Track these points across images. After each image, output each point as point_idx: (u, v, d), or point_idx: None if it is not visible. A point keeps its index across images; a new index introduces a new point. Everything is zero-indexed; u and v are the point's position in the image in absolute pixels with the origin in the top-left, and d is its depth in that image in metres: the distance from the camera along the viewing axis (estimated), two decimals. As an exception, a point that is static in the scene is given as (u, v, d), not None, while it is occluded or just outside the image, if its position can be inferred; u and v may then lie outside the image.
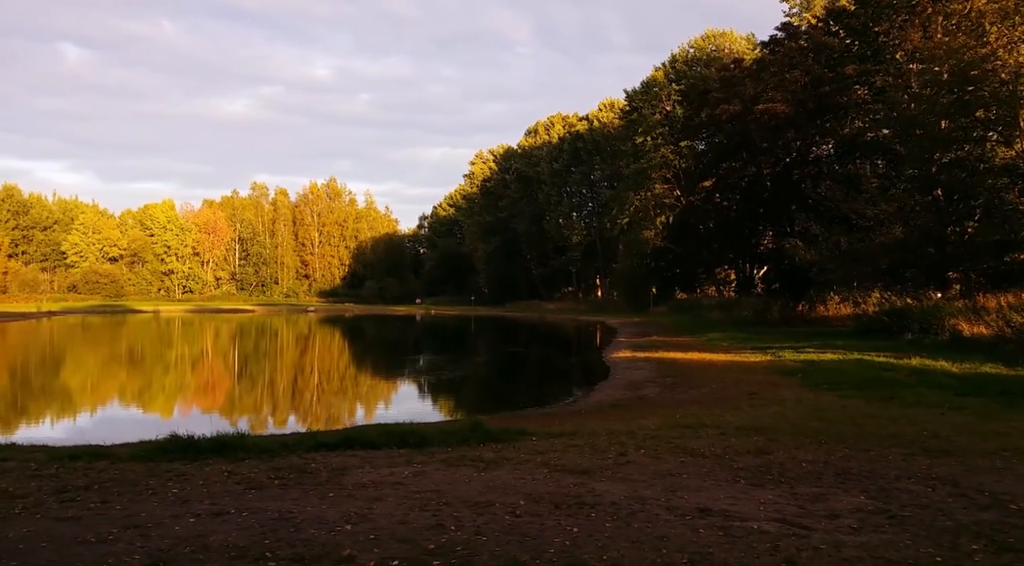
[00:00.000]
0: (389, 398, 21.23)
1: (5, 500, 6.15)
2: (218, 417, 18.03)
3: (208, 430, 9.74)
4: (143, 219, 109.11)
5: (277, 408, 19.87)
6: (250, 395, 22.98)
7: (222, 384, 26.20)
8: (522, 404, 19.03)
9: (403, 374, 27.13)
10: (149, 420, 17.81)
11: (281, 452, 8.78)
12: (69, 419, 18.10)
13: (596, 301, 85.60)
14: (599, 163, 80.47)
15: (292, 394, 23.29)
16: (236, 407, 20.15)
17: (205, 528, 5.25)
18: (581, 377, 25.20)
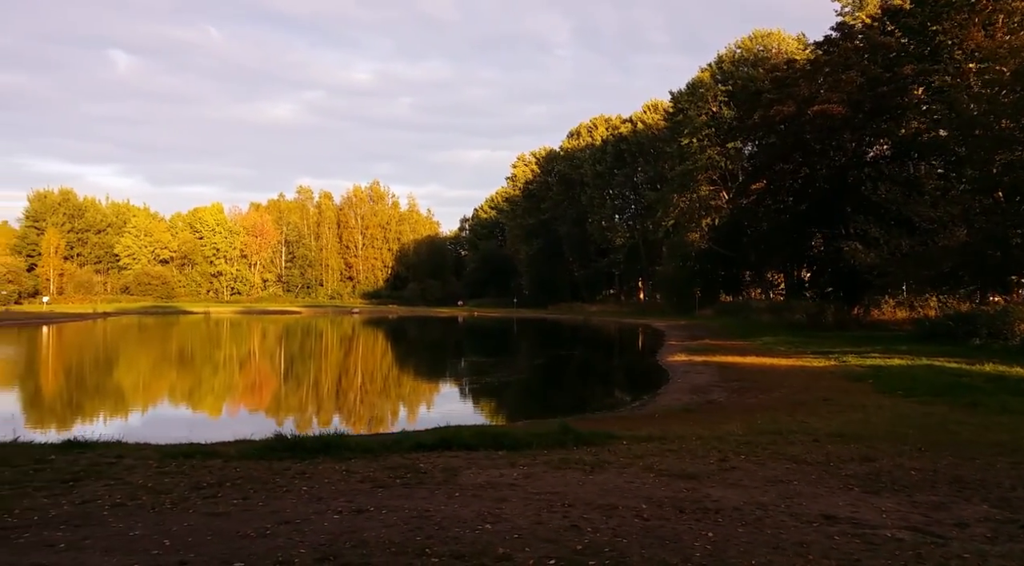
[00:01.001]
0: (452, 400, 21.48)
1: (152, 495, 6.49)
2: (290, 416, 18.49)
3: (284, 429, 10.09)
4: (193, 222, 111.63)
5: (347, 408, 20.27)
6: (316, 395, 23.47)
7: (286, 384, 26.76)
8: (586, 407, 19.16)
9: (459, 376, 27.42)
10: (223, 419, 18.35)
11: (382, 452, 9.06)
12: (145, 417, 18.68)
13: (638, 303, 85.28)
14: (643, 165, 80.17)
15: (357, 394, 23.69)
16: (306, 406, 20.61)
17: (353, 524, 5.50)
18: (639, 381, 25.24)
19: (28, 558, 4.81)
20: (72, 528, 5.49)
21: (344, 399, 22.78)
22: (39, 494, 6.68)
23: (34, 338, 48.19)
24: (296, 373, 30.46)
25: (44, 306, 79.78)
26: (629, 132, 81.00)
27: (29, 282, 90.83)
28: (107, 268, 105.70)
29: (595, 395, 23.02)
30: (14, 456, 9.04)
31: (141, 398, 23.11)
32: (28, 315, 68.47)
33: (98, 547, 5.03)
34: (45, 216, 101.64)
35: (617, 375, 29.33)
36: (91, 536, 5.28)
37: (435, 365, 34.54)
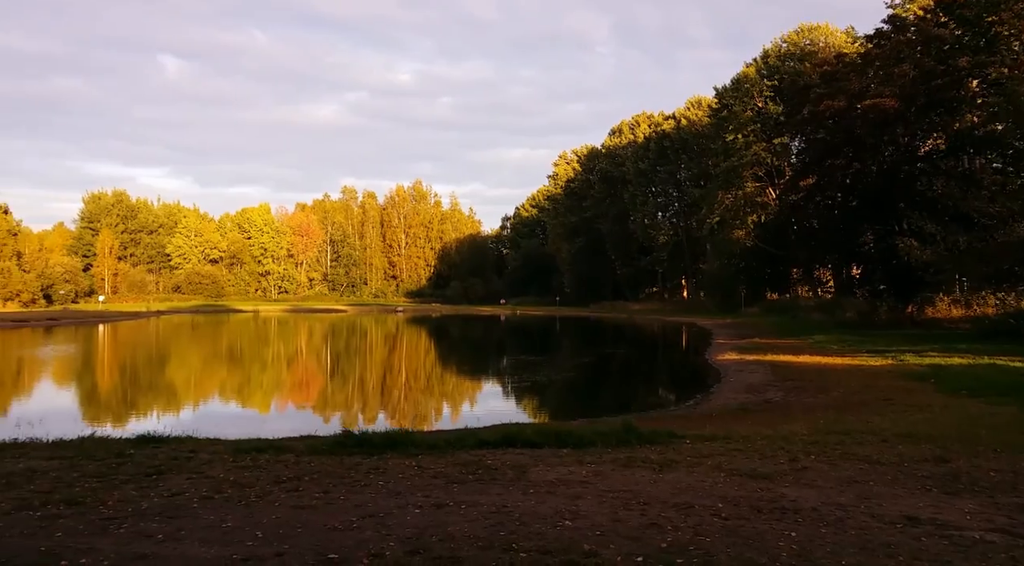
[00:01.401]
0: (505, 398, 21.60)
1: (236, 488, 6.70)
2: (345, 412, 18.81)
3: (334, 425, 10.26)
4: (241, 222, 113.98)
5: (400, 405, 20.52)
6: (369, 392, 23.81)
7: (340, 381, 27.18)
8: (638, 406, 19.12)
9: (508, 374, 27.53)
10: (280, 415, 18.73)
11: (448, 449, 9.18)
12: (204, 412, 19.16)
13: (682, 302, 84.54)
14: (686, 162, 79.42)
15: (409, 392, 23.97)
16: (361, 403, 20.94)
17: (436, 519, 5.61)
18: (690, 379, 25.08)
19: (130, 548, 5.01)
20: (166, 519, 5.70)
21: (397, 396, 23.06)
22: (127, 486, 6.94)
23: (93, 336, 49.74)
24: (349, 370, 30.90)
25: (100, 305, 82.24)
26: (672, 129, 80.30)
27: (85, 282, 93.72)
28: (159, 268, 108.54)
29: (646, 394, 22.95)
30: (95, 449, 9.40)
31: (199, 394, 23.72)
32: (85, 314, 70.67)
33: (195, 538, 5.22)
34: (99, 217, 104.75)
35: (667, 374, 29.17)
36: (186, 527, 5.47)
37: (483, 363, 34.76)
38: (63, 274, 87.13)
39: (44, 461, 8.51)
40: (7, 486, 7.04)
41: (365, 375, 29.26)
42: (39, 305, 78.47)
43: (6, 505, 6.21)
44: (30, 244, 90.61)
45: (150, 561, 4.72)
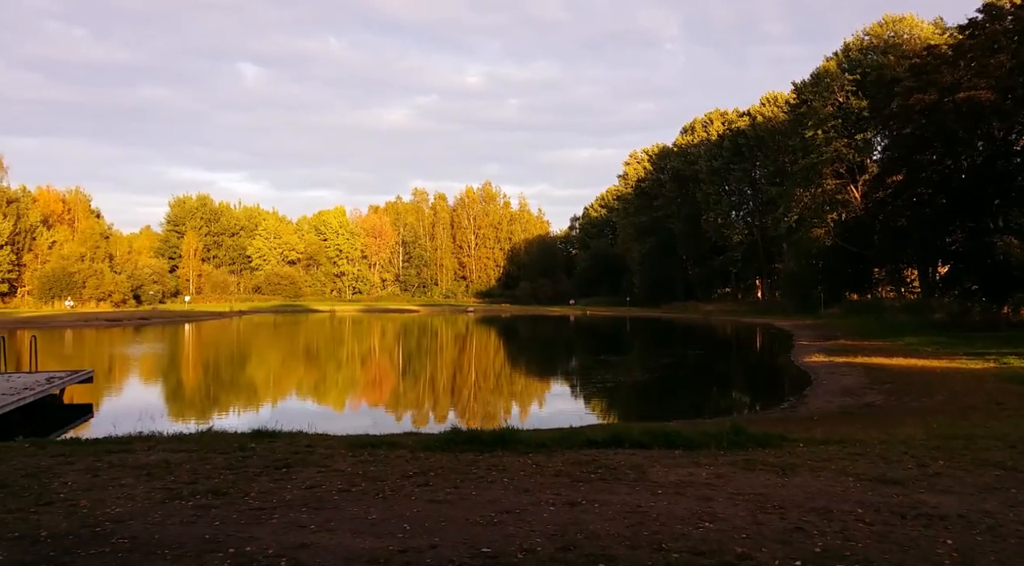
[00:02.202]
0: (593, 398, 21.56)
1: (368, 482, 6.90)
2: (435, 410, 19.12)
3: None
4: (317, 224, 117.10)
5: (490, 404, 20.70)
6: (456, 390, 24.12)
7: (426, 379, 27.61)
8: (727, 407, 18.84)
9: (590, 374, 27.41)
10: (374, 411, 19.14)
11: (556, 447, 9.23)
12: (300, 408, 19.72)
13: (757, 302, 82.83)
14: (762, 159, 77.72)
15: (496, 390, 24.16)
16: (451, 401, 21.25)
17: (573, 517, 5.65)
18: (778, 381, 24.55)
19: (288, 537, 5.22)
20: (313, 511, 5.91)
21: (484, 395, 23.28)
22: (262, 478, 7.22)
23: (182, 335, 51.85)
24: (434, 369, 31.36)
25: (185, 305, 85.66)
26: (747, 126, 78.66)
27: (171, 283, 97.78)
28: (240, 269, 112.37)
29: (734, 395, 22.58)
30: (216, 443, 9.81)
31: (291, 391, 24.44)
32: (173, 314, 73.77)
33: (345, 529, 5.40)
34: (184, 220, 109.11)
35: (752, 375, 28.60)
36: (334, 519, 5.67)
37: (563, 363, 34.77)
38: (151, 275, 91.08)
39: (173, 453, 8.92)
40: (149, 477, 7.43)
41: (449, 374, 29.64)
42: (129, 305, 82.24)
43: (157, 495, 6.55)
44: (121, 247, 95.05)
45: (310, 550, 4.90)
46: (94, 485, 7.05)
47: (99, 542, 5.11)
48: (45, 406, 15.87)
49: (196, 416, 18.27)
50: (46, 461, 8.39)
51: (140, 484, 7.05)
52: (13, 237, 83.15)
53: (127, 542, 5.11)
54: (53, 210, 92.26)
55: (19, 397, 14.05)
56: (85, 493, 6.67)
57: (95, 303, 78.31)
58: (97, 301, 78.95)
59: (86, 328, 56.21)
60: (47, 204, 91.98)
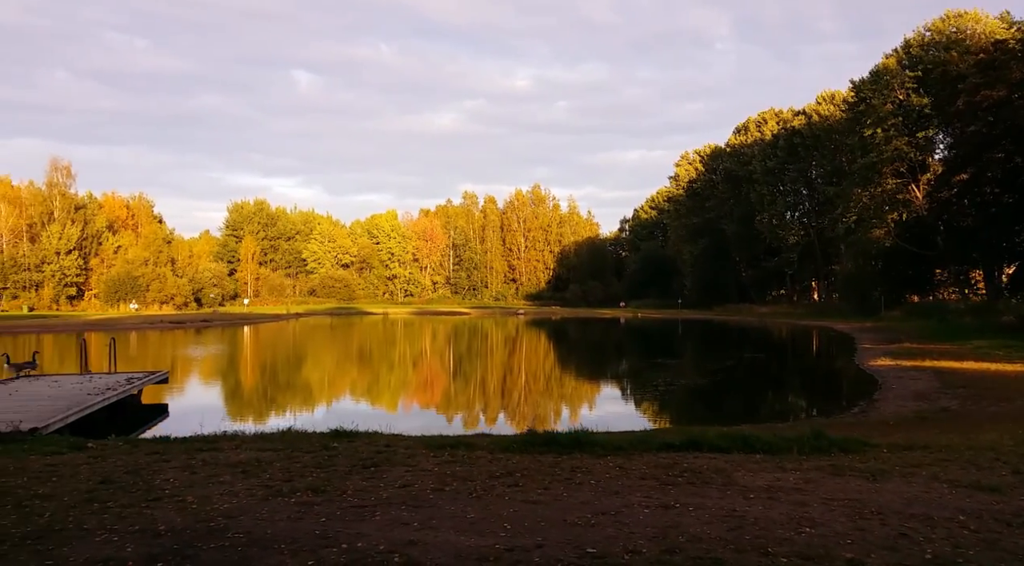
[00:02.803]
0: (655, 401, 21.44)
1: (458, 481, 7.05)
2: (501, 411, 19.27)
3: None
4: (370, 228, 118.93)
5: (554, 406, 20.79)
6: (518, 392, 24.25)
7: (485, 380, 27.80)
8: (792, 412, 18.57)
9: (649, 377, 27.24)
10: (439, 413, 19.40)
11: (633, 450, 9.25)
12: (363, 408, 20.08)
13: (813, 304, 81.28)
14: (818, 159, 76.29)
15: (558, 392, 24.23)
16: (514, 403, 21.38)
17: (670, 519, 5.69)
18: (844, 385, 24.10)
19: (394, 534, 5.38)
20: (412, 509, 6.07)
21: (546, 397, 23.35)
22: (354, 477, 7.43)
23: (243, 337, 53.16)
24: (490, 371, 31.55)
25: (244, 307, 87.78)
26: (802, 125, 77.23)
27: (230, 286, 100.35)
28: (295, 272, 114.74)
29: (798, 399, 22.23)
30: (298, 442, 10.09)
31: (354, 391, 24.87)
32: (233, 316, 75.69)
33: (447, 527, 5.54)
34: (242, 225, 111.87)
35: (816, 379, 28.07)
36: (435, 517, 5.81)
37: (620, 366, 34.64)
38: (211, 279, 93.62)
39: (261, 452, 9.21)
40: (245, 474, 7.70)
41: (507, 376, 29.80)
42: (191, 308, 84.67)
43: (258, 492, 6.79)
44: (182, 251, 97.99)
45: (419, 547, 5.05)
46: (195, 482, 7.34)
47: (216, 536, 5.34)
48: (125, 405, 16.48)
49: (267, 415, 18.76)
50: (143, 459, 8.75)
51: (238, 481, 7.31)
52: (81, 242, 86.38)
53: (243, 536, 5.33)
54: (118, 216, 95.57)
55: (103, 397, 14.65)
56: (188, 489, 6.95)
57: (158, 306, 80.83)
58: (160, 304, 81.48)
59: (150, 330, 58.04)
60: (112, 210, 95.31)
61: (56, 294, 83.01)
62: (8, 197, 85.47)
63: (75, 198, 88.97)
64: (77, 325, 60.90)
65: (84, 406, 13.35)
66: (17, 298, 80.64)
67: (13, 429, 10.74)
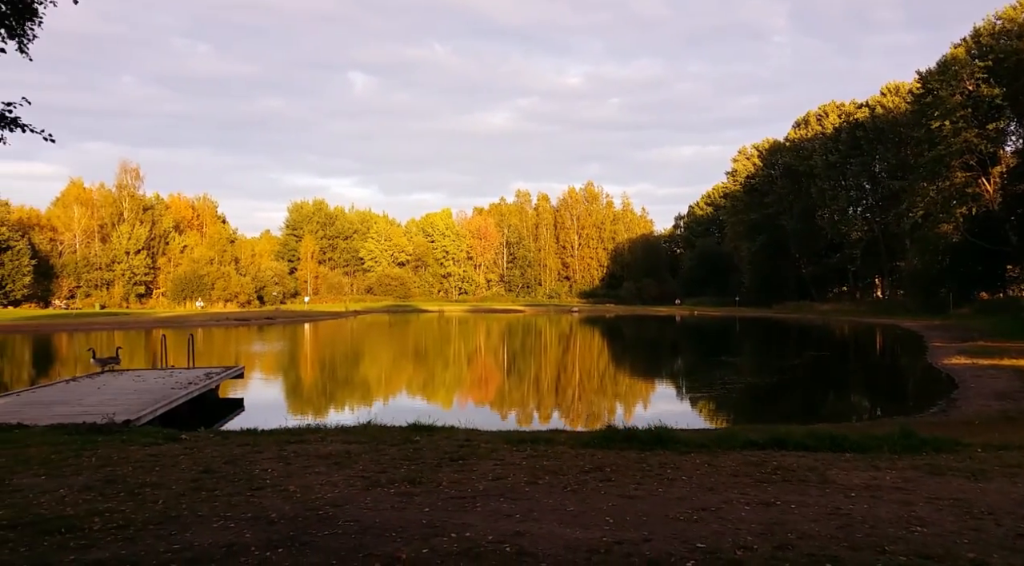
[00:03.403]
0: (725, 399, 21.20)
1: (551, 475, 7.12)
2: (568, 407, 19.32)
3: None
4: (425, 227, 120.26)
5: (623, 402, 20.75)
6: (584, 388, 24.26)
7: (549, 377, 27.89)
8: (868, 410, 18.16)
9: (715, 375, 26.91)
10: (507, 408, 19.54)
11: (716, 447, 9.19)
12: (437, 403, 20.34)
13: (876, 302, 79.17)
14: (882, 153, 74.25)
15: (625, 389, 24.17)
16: (580, 399, 21.41)
17: (773, 516, 5.63)
18: (920, 385, 23.45)
19: (498, 525, 5.46)
20: (510, 501, 6.16)
21: (613, 394, 23.31)
22: (445, 469, 7.56)
23: (306, 333, 54.29)
24: (552, 367, 31.61)
25: (305, 305, 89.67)
26: (866, 118, 75.16)
27: (291, 284, 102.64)
28: (353, 271, 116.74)
29: (872, 398, 21.69)
30: (380, 435, 10.31)
31: (420, 385, 25.21)
32: (295, 313, 77.45)
33: (550, 519, 5.60)
34: (302, 225, 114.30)
35: (888, 377, 27.36)
36: (535, 509, 5.88)
37: (682, 363, 34.30)
38: (273, 277, 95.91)
39: (347, 444, 9.42)
40: (338, 465, 7.90)
41: (570, 372, 29.80)
42: (254, 305, 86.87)
43: (357, 483, 6.97)
44: (244, 250, 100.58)
45: (526, 538, 5.12)
46: (292, 472, 7.56)
47: (327, 524, 5.51)
48: (205, 399, 17.03)
49: (338, 409, 19.16)
50: (237, 450, 9.04)
51: (334, 472, 7.51)
52: (149, 242, 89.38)
53: (353, 524, 5.49)
54: (184, 216, 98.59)
55: (187, 392, 15.17)
56: (288, 479, 7.17)
57: (223, 304, 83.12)
58: (224, 302, 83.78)
59: (216, 327, 59.74)
60: (178, 210, 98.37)
61: (126, 292, 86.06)
62: (81, 199, 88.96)
63: (143, 199, 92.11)
64: (148, 322, 63.07)
65: (171, 400, 13.85)
66: (90, 296, 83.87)
67: (108, 421, 11.20)
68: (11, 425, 10.86)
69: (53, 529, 5.43)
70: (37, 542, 5.16)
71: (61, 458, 8.40)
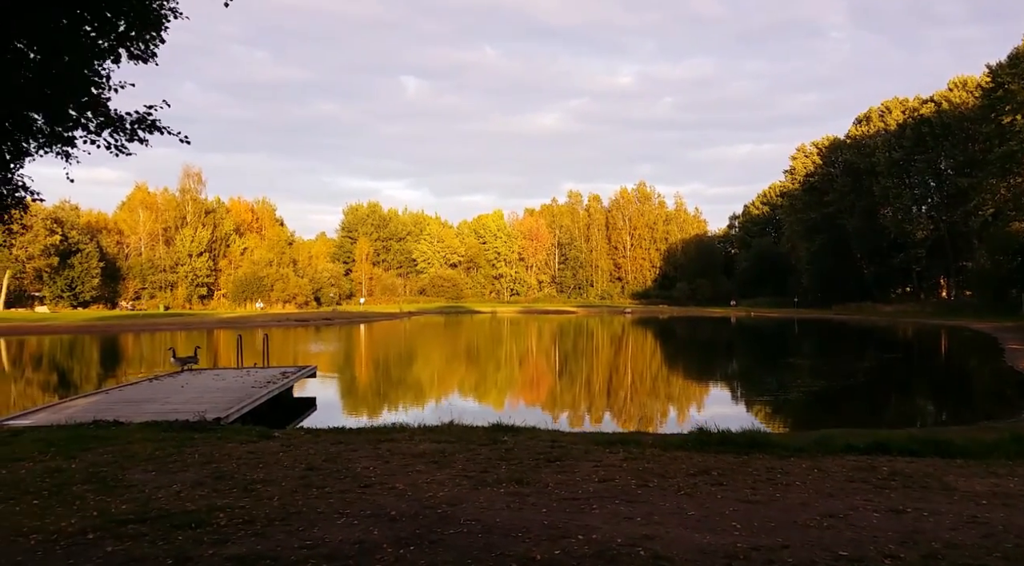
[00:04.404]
0: (800, 402, 20.73)
1: (659, 478, 6.99)
2: (639, 408, 19.12)
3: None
4: (477, 228, 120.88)
5: (693, 404, 20.47)
6: (655, 390, 24.01)
7: (615, 378, 27.70)
8: (949, 415, 17.55)
9: (785, 378, 26.35)
10: (576, 408, 19.44)
11: (815, 452, 8.94)
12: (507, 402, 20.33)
13: (941, 302, 76.72)
14: (948, 149, 71.89)
15: (698, 391, 23.85)
16: (653, 400, 21.20)
17: (908, 524, 5.41)
18: (999, 389, 22.56)
19: (622, 527, 5.36)
20: (627, 504, 6.06)
21: (682, 395, 23.02)
22: (545, 469, 7.50)
23: (363, 334, 55.00)
24: (615, 368, 31.37)
25: (360, 306, 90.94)
26: (931, 113, 72.87)
27: (346, 285, 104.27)
28: (406, 272, 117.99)
29: (956, 402, 20.94)
30: (464, 434, 10.30)
31: (487, 385, 25.25)
32: (352, 314, 78.61)
33: (673, 523, 5.48)
34: (357, 227, 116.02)
35: (965, 381, 26.40)
36: (655, 512, 5.78)
37: (750, 366, 33.64)
38: (329, 278, 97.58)
39: (437, 444, 9.42)
40: (437, 464, 7.91)
41: (635, 373, 29.52)
42: (311, 307, 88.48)
43: (463, 482, 6.96)
44: (302, 252, 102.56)
45: (656, 541, 5.02)
46: (393, 470, 7.60)
47: (450, 523, 5.50)
48: (281, 397, 17.33)
49: (408, 407, 19.29)
50: (332, 448, 9.13)
51: (434, 471, 7.51)
52: (211, 244, 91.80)
53: (475, 523, 5.46)
54: (243, 219, 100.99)
55: (268, 390, 15.46)
56: (392, 477, 7.20)
57: (281, 305, 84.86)
58: (283, 303, 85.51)
59: (278, 327, 60.93)
60: (238, 214, 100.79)
61: (189, 294, 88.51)
62: (146, 203, 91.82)
63: (205, 203, 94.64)
64: (211, 323, 64.71)
65: (255, 398, 14.12)
66: (154, 298, 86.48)
67: (200, 419, 11.46)
68: (108, 422, 11.18)
69: (182, 524, 5.54)
70: (171, 536, 5.27)
71: (165, 454, 8.61)
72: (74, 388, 22.94)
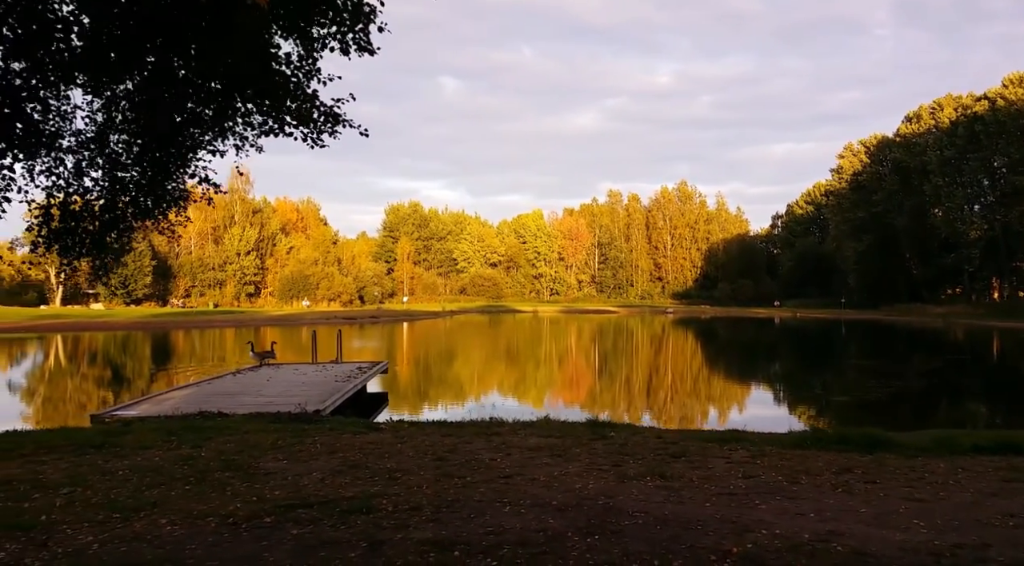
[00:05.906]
0: (882, 403, 20.33)
1: (805, 475, 6.86)
2: (707, 406, 18.95)
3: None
4: (516, 228, 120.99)
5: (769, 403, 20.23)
6: (715, 389, 23.81)
7: (673, 377, 27.49)
8: None
9: (854, 378, 25.90)
10: (651, 407, 19.33)
11: (940, 451, 8.74)
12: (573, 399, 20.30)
13: (993, 304, 74.93)
14: (1003, 147, 70.06)
15: (758, 391, 23.58)
16: (719, 399, 21.02)
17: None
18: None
19: (799, 522, 5.23)
20: (787, 500, 5.89)
21: (754, 395, 22.76)
22: (675, 465, 7.39)
23: (409, 331, 55.36)
24: (675, 368, 31.14)
25: (403, 305, 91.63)
26: (985, 110, 71.04)
27: (389, 284, 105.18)
28: (447, 271, 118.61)
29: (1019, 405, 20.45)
30: (567, 430, 10.17)
31: (546, 382, 25.21)
32: (396, 313, 79.28)
33: (849, 519, 5.32)
34: (398, 227, 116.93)
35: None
36: (825, 509, 5.62)
37: (816, 366, 33.06)
38: (372, 277, 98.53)
39: (544, 438, 9.34)
40: (561, 458, 7.84)
41: (696, 373, 29.28)
42: (355, 305, 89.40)
43: (603, 476, 6.92)
44: (346, 252, 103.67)
45: (846, 538, 4.89)
46: (522, 462, 7.58)
47: (620, 515, 5.41)
48: (359, 391, 17.49)
49: (475, 400, 19.30)
50: (444, 440, 9.14)
51: (563, 464, 7.45)
52: (258, 244, 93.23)
53: (645, 515, 5.40)
54: (289, 219, 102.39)
55: (353, 384, 15.62)
56: (525, 469, 7.17)
57: (326, 303, 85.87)
58: (328, 301, 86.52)
59: (326, 325, 61.59)
60: (284, 214, 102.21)
61: (237, 291, 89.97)
62: (197, 204, 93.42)
63: (253, 203, 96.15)
64: (261, 320, 65.70)
65: (344, 392, 14.29)
66: (204, 295, 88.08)
67: (302, 411, 11.60)
68: (213, 413, 11.38)
69: (351, 509, 5.58)
70: (349, 520, 5.32)
71: (287, 444, 8.70)
72: (154, 381, 23.46)
